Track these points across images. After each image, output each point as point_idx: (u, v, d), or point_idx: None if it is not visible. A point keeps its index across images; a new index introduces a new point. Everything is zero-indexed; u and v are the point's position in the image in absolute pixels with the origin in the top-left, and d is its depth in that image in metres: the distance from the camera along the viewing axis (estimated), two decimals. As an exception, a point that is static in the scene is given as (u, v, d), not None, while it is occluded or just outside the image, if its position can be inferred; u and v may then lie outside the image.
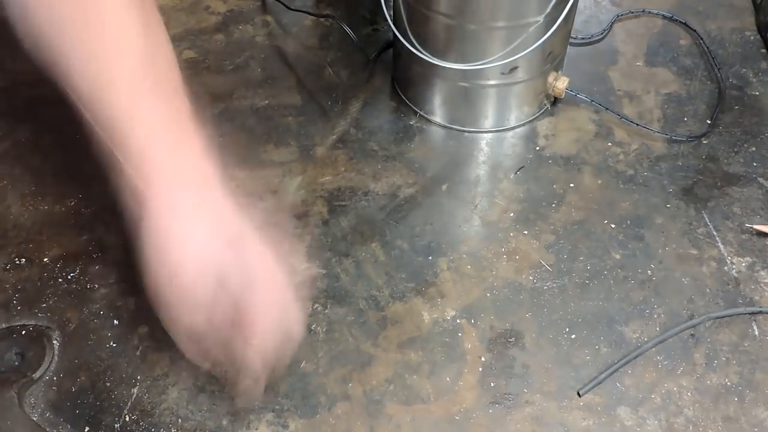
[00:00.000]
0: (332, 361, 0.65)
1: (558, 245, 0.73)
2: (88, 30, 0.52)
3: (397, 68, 0.88)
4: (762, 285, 0.70)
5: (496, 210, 0.76)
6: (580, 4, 0.94)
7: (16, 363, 0.64)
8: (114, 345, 0.66)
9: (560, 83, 0.82)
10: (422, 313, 0.68)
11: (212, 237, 0.52)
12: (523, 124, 0.84)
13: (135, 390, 0.63)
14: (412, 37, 0.78)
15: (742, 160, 0.81)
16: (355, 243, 0.73)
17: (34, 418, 0.61)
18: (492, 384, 0.64)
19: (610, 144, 0.82)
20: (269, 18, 0.97)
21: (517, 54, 0.75)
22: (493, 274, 0.71)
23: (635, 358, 0.65)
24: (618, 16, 0.95)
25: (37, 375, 0.63)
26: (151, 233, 0.51)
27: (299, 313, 0.57)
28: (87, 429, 0.61)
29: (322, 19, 0.96)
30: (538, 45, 0.74)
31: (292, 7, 0.95)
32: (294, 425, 0.62)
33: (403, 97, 0.87)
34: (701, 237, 0.74)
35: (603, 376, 0.64)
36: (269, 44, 0.94)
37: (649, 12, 0.96)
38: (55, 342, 0.66)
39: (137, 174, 0.51)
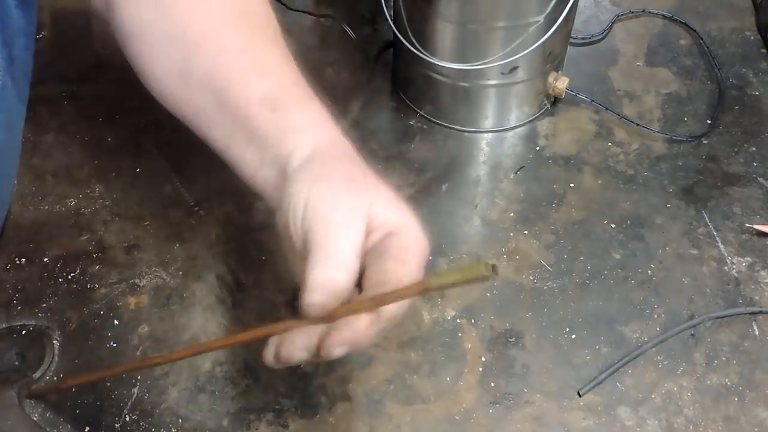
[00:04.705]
0: (332, 361, 0.65)
1: (558, 245, 0.73)
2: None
3: (397, 68, 0.88)
4: (762, 285, 0.70)
5: (496, 210, 0.76)
6: (580, 4, 0.94)
7: (16, 363, 0.64)
8: (114, 345, 0.66)
9: (560, 83, 0.82)
10: (422, 313, 0.68)
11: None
12: (524, 124, 0.84)
13: (135, 390, 0.63)
14: (412, 37, 0.78)
15: (742, 160, 0.81)
16: (355, 243, 0.73)
17: (34, 418, 0.61)
18: (492, 384, 0.64)
19: (610, 144, 0.82)
20: (269, 18, 0.97)
21: (518, 54, 0.75)
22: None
23: (635, 358, 0.65)
24: (618, 16, 0.95)
25: (37, 375, 0.63)
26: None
27: None
28: (87, 429, 0.61)
29: (322, 19, 0.96)
30: (539, 45, 0.74)
31: (293, 7, 0.95)
32: (294, 425, 0.62)
33: (403, 97, 0.86)
34: (701, 237, 0.74)
35: (603, 376, 0.64)
36: (269, 44, 0.94)
37: (649, 12, 0.96)
38: (55, 342, 0.66)
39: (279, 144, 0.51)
